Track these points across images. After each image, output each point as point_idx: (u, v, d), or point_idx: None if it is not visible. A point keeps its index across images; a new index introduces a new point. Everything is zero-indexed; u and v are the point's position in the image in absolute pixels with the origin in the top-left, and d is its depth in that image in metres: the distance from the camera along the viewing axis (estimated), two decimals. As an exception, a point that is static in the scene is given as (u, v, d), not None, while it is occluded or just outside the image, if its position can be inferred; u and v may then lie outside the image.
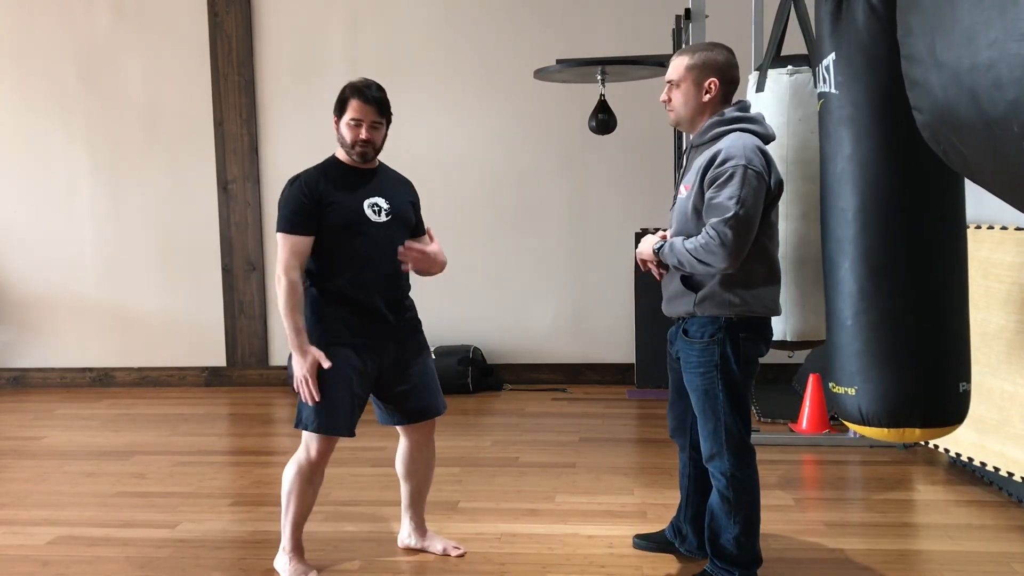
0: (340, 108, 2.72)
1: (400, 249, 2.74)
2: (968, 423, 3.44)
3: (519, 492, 3.64)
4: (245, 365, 5.94)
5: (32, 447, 4.53)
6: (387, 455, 3.96)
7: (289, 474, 2.78)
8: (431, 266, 2.82)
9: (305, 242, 2.68)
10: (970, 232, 3.68)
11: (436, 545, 3.01)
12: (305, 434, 2.74)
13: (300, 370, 2.64)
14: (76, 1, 5.82)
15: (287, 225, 2.68)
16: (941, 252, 2.23)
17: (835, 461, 4.00)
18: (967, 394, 2.29)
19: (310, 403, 2.65)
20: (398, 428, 2.93)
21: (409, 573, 2.89)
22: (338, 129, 2.74)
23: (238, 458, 4.32)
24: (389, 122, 2.77)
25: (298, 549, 2.83)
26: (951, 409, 2.28)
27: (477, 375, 5.51)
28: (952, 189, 2.24)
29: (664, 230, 2.72)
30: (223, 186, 5.85)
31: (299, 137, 5.74)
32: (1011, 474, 3.26)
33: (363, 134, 2.70)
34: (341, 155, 2.78)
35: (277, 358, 5.91)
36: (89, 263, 5.97)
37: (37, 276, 6.00)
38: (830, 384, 2.39)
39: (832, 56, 2.24)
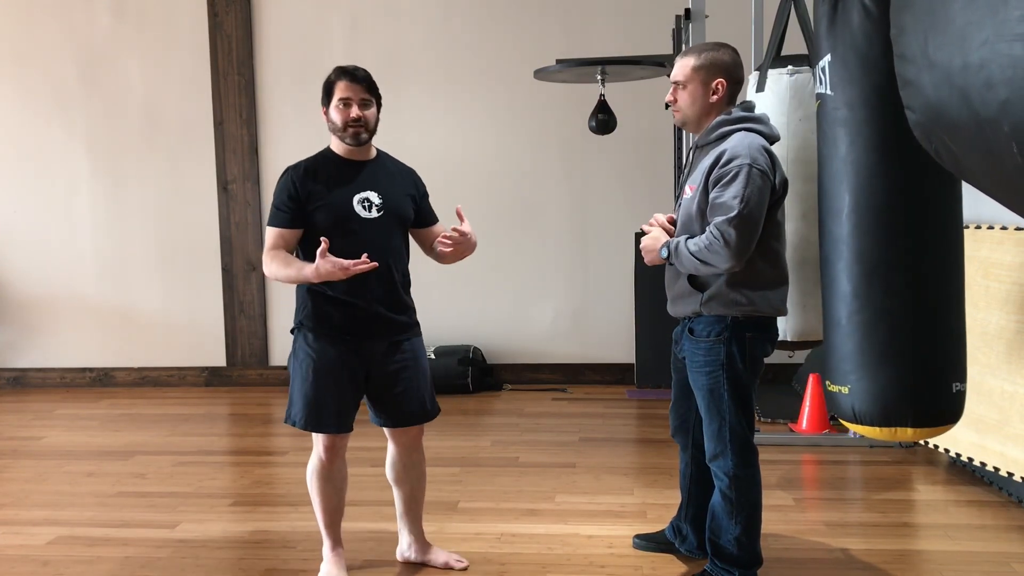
0: (327, 94, 2.66)
1: (439, 243, 2.69)
2: (968, 423, 3.45)
3: (519, 492, 3.64)
4: (245, 365, 5.94)
5: (32, 447, 4.53)
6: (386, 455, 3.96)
7: (308, 476, 2.78)
8: (465, 253, 2.74)
9: (289, 234, 2.67)
10: (970, 232, 3.68)
11: (438, 557, 2.92)
12: (313, 435, 2.73)
13: (334, 275, 2.49)
14: (76, 1, 5.82)
15: (271, 218, 2.70)
16: (935, 252, 2.23)
17: (835, 461, 4.00)
18: (961, 394, 2.29)
19: (366, 267, 2.50)
20: (385, 432, 2.87)
21: (409, 573, 2.89)
22: (328, 117, 2.68)
23: (238, 458, 4.32)
24: (380, 103, 2.70)
25: (335, 549, 2.83)
26: (944, 409, 2.29)
27: (477, 375, 5.51)
28: (947, 190, 2.24)
29: (672, 224, 2.69)
30: (223, 186, 5.85)
31: (299, 137, 5.73)
32: (1011, 474, 3.26)
33: (354, 112, 2.62)
34: (335, 146, 2.72)
35: (277, 358, 5.91)
36: (89, 263, 5.97)
37: (37, 276, 6.00)
38: (826, 382, 2.40)
39: (828, 57, 2.25)
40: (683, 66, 2.59)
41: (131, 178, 5.91)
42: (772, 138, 2.57)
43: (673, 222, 2.68)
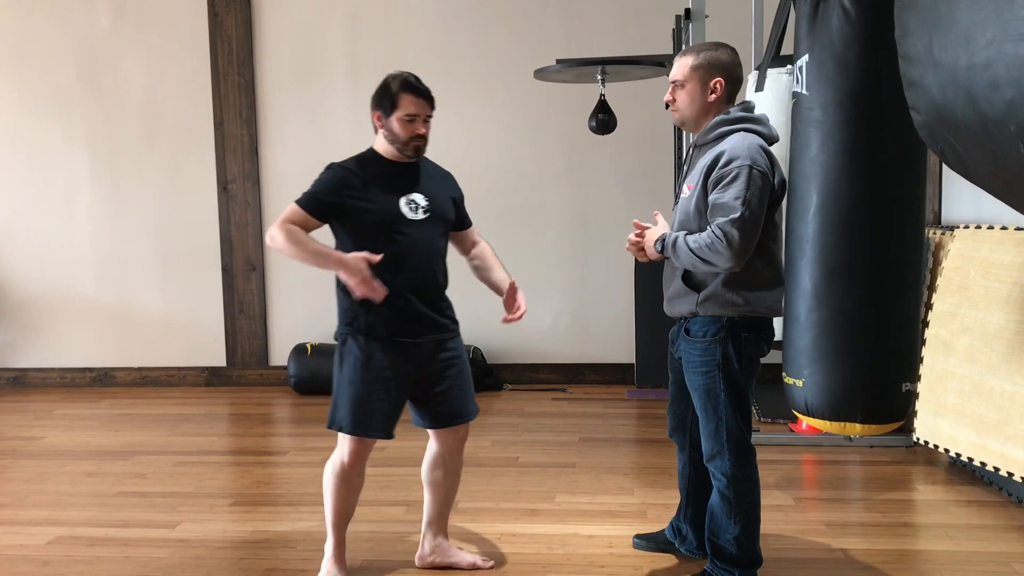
0: (390, 104, 2.65)
1: (510, 318, 2.80)
2: (968, 423, 3.45)
3: (519, 492, 3.64)
4: (245, 365, 5.94)
5: (32, 447, 4.53)
6: (387, 455, 3.96)
7: (326, 474, 2.75)
8: None
9: (313, 222, 2.61)
10: (970, 232, 3.68)
11: (464, 559, 2.90)
12: (340, 435, 2.69)
13: (354, 276, 2.49)
14: (76, 1, 5.82)
15: (305, 199, 2.61)
16: (895, 256, 2.29)
17: (835, 461, 4.00)
18: (910, 394, 2.37)
19: (378, 298, 2.53)
20: (429, 432, 2.84)
21: (408, 573, 2.89)
22: (384, 125, 2.67)
23: (238, 458, 4.32)
24: None
25: (338, 549, 2.80)
26: (892, 408, 2.36)
27: (477, 375, 5.50)
28: (912, 196, 2.29)
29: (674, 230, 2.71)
30: (223, 186, 5.85)
31: (299, 137, 5.74)
32: (1011, 474, 3.26)
33: (420, 129, 2.66)
34: (381, 149, 2.71)
35: (277, 358, 5.91)
36: (89, 263, 5.97)
37: (37, 276, 6.00)
38: (783, 373, 2.44)
39: (806, 57, 2.27)
40: (681, 65, 2.59)
41: (131, 178, 5.91)
42: (771, 139, 2.57)
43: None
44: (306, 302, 5.85)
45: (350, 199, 2.62)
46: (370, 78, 5.71)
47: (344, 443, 2.69)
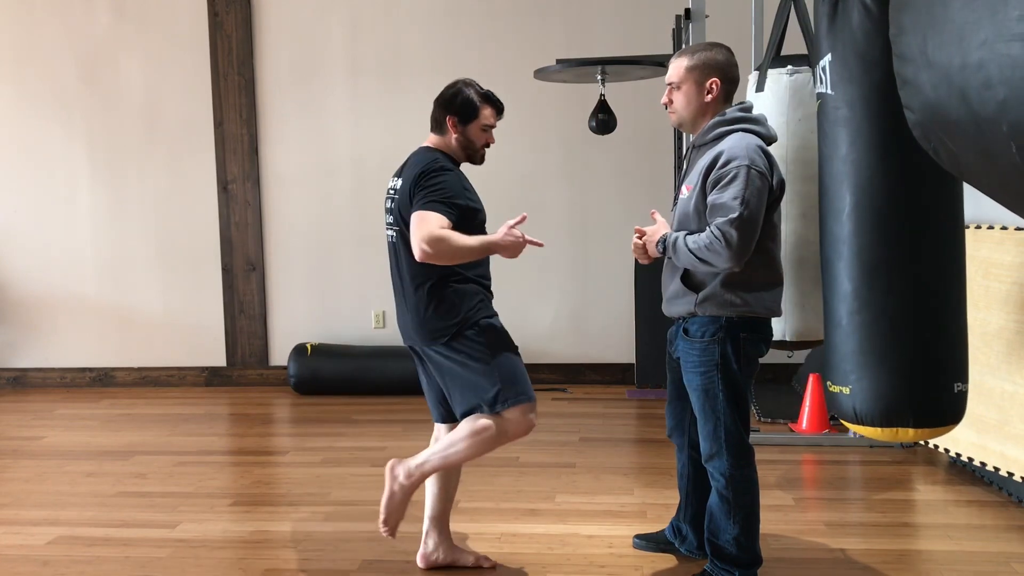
0: (473, 112, 2.78)
1: None
2: (968, 423, 3.45)
3: (519, 492, 3.64)
4: (245, 365, 5.95)
5: (32, 447, 4.53)
6: (387, 455, 3.96)
7: (475, 434, 2.63)
8: None
9: (449, 225, 2.62)
10: (970, 232, 3.68)
11: (468, 558, 2.89)
12: (506, 413, 2.65)
13: (514, 246, 2.70)
14: (76, 1, 5.83)
15: (445, 206, 2.62)
16: (936, 251, 2.23)
17: (835, 461, 4.00)
18: (963, 395, 2.28)
19: (528, 243, 2.72)
20: (440, 427, 2.85)
21: (409, 573, 2.89)
22: (461, 132, 2.79)
23: (238, 458, 4.32)
24: None
25: (418, 486, 2.71)
26: (945, 410, 2.28)
27: (477, 375, 5.50)
28: (948, 189, 2.24)
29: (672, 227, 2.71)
30: (223, 186, 5.85)
31: (299, 137, 5.74)
32: (1011, 474, 3.27)
33: (492, 138, 2.85)
34: (450, 151, 2.82)
35: (277, 358, 5.91)
36: (89, 263, 5.97)
37: (37, 276, 6.00)
38: (827, 382, 2.40)
39: (828, 57, 2.25)
40: (677, 67, 2.60)
41: (131, 178, 5.91)
42: (769, 139, 2.57)
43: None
44: (306, 302, 5.85)
45: (470, 201, 2.74)
46: (370, 78, 5.78)
47: (517, 416, 2.67)
